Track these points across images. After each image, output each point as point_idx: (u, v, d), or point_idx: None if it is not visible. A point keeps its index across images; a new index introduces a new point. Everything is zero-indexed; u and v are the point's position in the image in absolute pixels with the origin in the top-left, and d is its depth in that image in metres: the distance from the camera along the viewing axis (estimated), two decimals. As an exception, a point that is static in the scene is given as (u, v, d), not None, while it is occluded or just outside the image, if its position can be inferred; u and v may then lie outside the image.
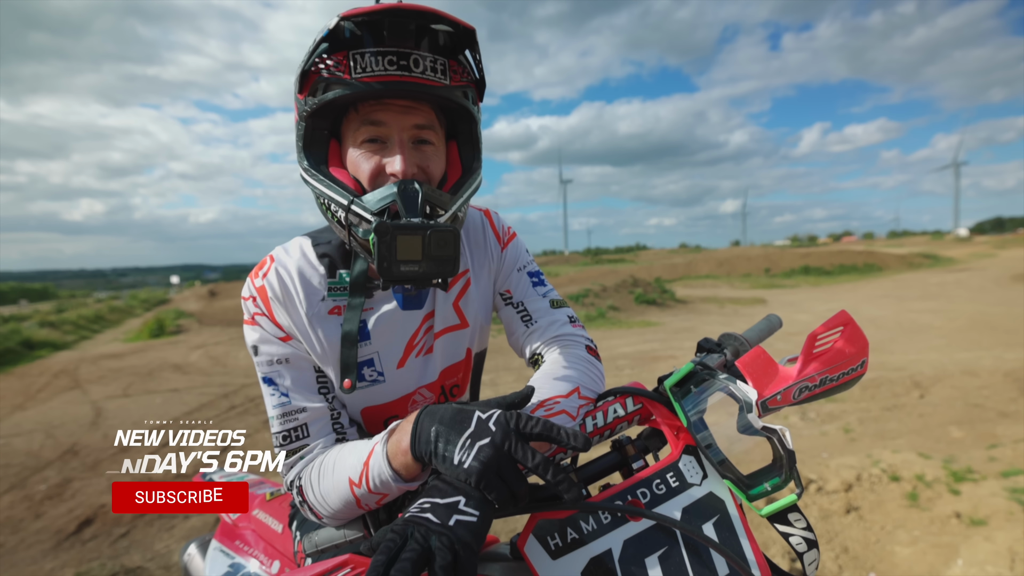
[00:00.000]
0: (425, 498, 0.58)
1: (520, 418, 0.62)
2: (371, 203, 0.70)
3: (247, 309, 0.81)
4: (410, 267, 0.64)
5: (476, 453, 0.58)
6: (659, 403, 0.72)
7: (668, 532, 0.62)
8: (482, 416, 0.62)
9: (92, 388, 6.68)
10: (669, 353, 7.29)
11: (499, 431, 0.60)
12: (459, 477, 0.58)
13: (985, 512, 2.90)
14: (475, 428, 0.60)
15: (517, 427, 0.61)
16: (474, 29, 0.71)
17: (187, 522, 3.10)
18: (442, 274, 0.67)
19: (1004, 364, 5.90)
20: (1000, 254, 34.97)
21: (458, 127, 0.83)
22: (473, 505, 0.56)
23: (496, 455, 0.58)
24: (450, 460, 0.59)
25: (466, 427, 0.61)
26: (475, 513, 0.55)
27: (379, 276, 0.65)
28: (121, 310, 19.82)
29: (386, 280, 0.65)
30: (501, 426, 0.60)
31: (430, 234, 0.64)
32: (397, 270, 0.64)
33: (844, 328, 0.61)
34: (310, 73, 0.71)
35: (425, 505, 0.57)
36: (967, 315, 10.07)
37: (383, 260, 0.63)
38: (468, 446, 0.59)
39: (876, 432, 4.24)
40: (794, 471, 0.57)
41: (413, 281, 0.66)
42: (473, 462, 0.58)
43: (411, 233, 0.64)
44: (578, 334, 0.92)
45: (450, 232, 0.66)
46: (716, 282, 26.04)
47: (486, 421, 0.61)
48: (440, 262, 0.66)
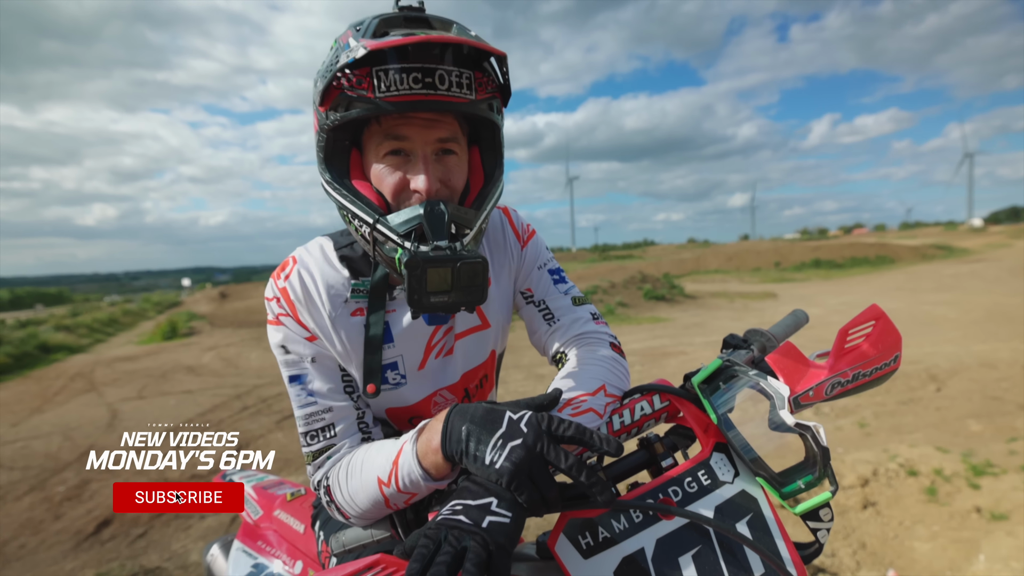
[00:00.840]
0: (456, 500, 0.58)
1: (552, 420, 0.62)
2: (397, 224, 0.70)
3: (271, 310, 0.82)
4: (440, 298, 0.65)
5: (508, 454, 0.58)
6: (687, 400, 0.71)
7: (701, 531, 0.61)
8: (513, 417, 0.61)
9: (107, 390, 6.78)
10: (679, 349, 7.26)
11: (531, 432, 0.59)
12: (490, 477, 0.58)
13: (1007, 506, 2.86)
14: (507, 428, 0.60)
15: (549, 429, 0.61)
16: (505, 55, 0.71)
17: (203, 522, 3.14)
18: (470, 303, 0.67)
19: (1023, 356, 5.80)
20: (1016, 244, 34.38)
21: (480, 133, 0.82)
22: (506, 506, 0.56)
23: (528, 456, 0.58)
24: (481, 460, 0.59)
25: (497, 427, 0.60)
26: (508, 514, 0.55)
27: (409, 306, 0.65)
28: (134, 313, 20.09)
29: (416, 311, 0.65)
30: (533, 427, 0.60)
31: (460, 266, 0.64)
32: (427, 301, 0.64)
33: (876, 323, 0.60)
34: (332, 88, 0.71)
35: (457, 507, 0.56)
36: (983, 307, 9.92)
37: (413, 292, 0.64)
38: (500, 446, 0.59)
39: (892, 426, 4.18)
40: (828, 468, 0.56)
41: (442, 310, 0.66)
42: (505, 462, 0.57)
43: (441, 266, 0.64)
44: (602, 331, 0.91)
45: (479, 263, 0.66)
46: (725, 277, 25.86)
47: (517, 422, 0.61)
48: (469, 291, 0.66)
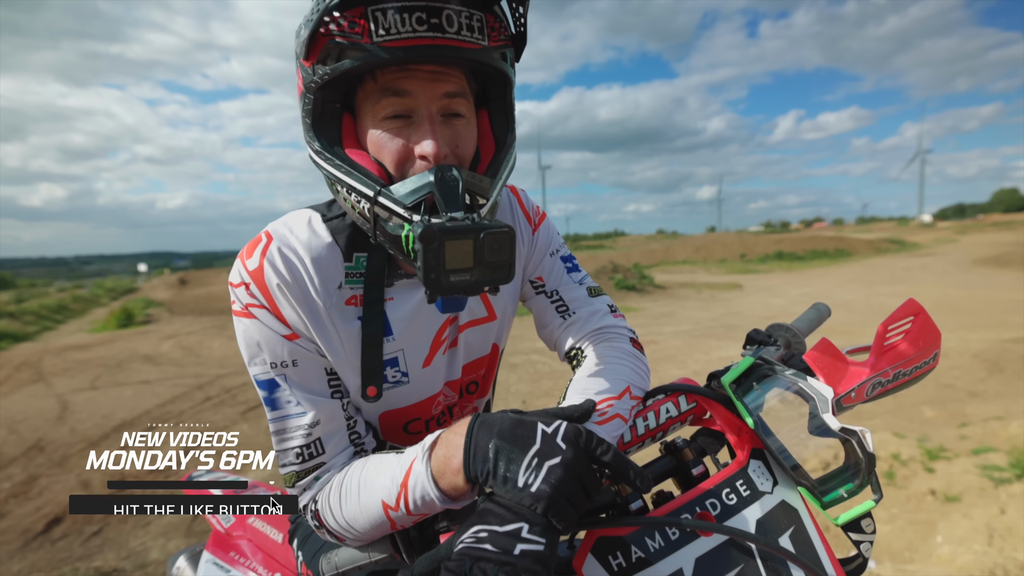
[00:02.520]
0: (480, 525, 0.49)
1: (591, 438, 0.54)
2: (403, 195, 0.59)
3: (238, 298, 0.67)
4: (461, 276, 0.55)
5: (546, 475, 0.50)
6: (716, 402, 0.66)
7: (743, 548, 0.56)
8: (548, 430, 0.53)
9: (57, 381, 6.38)
10: (650, 339, 7.35)
11: (570, 450, 0.52)
12: (522, 502, 0.50)
13: (958, 489, 3.00)
14: (541, 444, 0.52)
15: (588, 447, 0.53)
16: None
17: (163, 519, 2.99)
18: (495, 281, 0.58)
19: (971, 345, 6.12)
20: (961, 239, 36.44)
21: (490, 92, 0.71)
22: (539, 532, 0.48)
23: (567, 477, 0.50)
24: (513, 482, 0.51)
25: (531, 443, 0.52)
26: (541, 541, 0.48)
27: (425, 287, 0.55)
28: (86, 299, 19.01)
29: (434, 293, 0.55)
30: (571, 443, 0.52)
31: (484, 237, 0.55)
32: (447, 281, 0.55)
33: (915, 318, 0.56)
34: (319, 36, 0.59)
35: (482, 534, 0.48)
36: (932, 298, 10.43)
37: (430, 271, 0.54)
38: (535, 466, 0.51)
39: (853, 412, 4.34)
40: (873, 475, 0.52)
41: (464, 291, 0.57)
42: (543, 485, 0.50)
43: (461, 237, 0.54)
44: (620, 325, 0.84)
45: (506, 234, 0.56)
46: (693, 267, 26.42)
47: (553, 436, 0.53)
48: (495, 268, 0.56)
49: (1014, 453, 3.23)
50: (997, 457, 3.23)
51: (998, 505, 2.75)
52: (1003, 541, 2.48)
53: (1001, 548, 2.43)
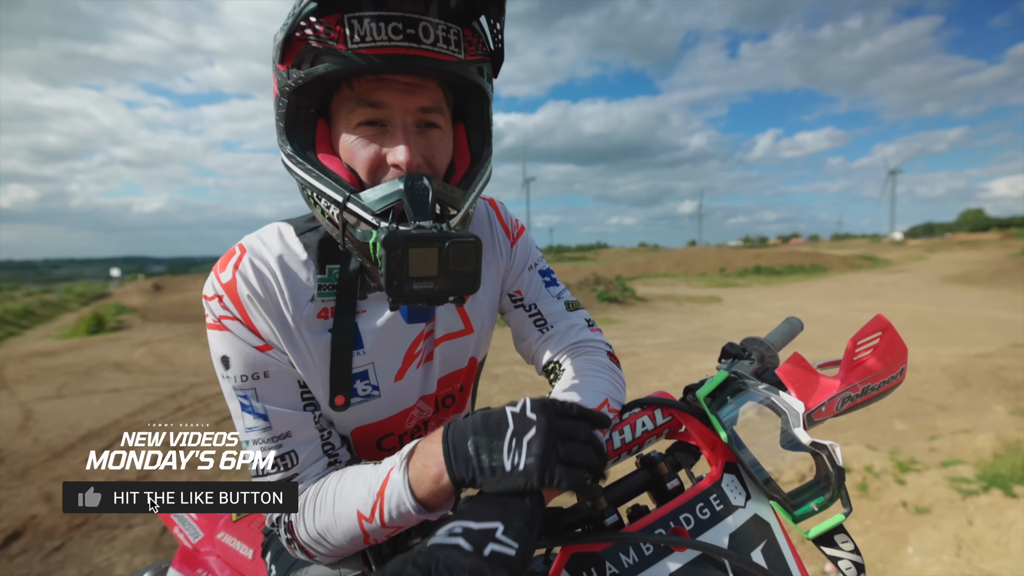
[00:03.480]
0: (458, 521, 0.49)
1: (555, 402, 0.55)
2: (372, 202, 0.60)
3: (211, 311, 0.67)
4: (424, 284, 0.55)
5: (528, 450, 0.51)
6: (691, 415, 0.66)
7: (716, 562, 0.56)
8: (515, 410, 0.54)
9: (20, 389, 6.14)
10: (631, 350, 7.40)
11: (542, 417, 0.53)
12: (517, 484, 0.50)
13: (928, 500, 3.07)
14: (515, 425, 0.53)
15: (556, 409, 0.54)
16: (503, 3, 0.61)
17: (130, 532, 2.88)
18: (460, 291, 0.57)
19: (939, 360, 6.30)
20: (930, 257, 37.72)
21: (467, 106, 0.72)
22: (513, 535, 0.47)
23: (548, 443, 0.51)
24: (501, 470, 0.51)
25: (504, 428, 0.53)
26: (514, 546, 0.47)
27: (387, 294, 0.55)
28: (54, 304, 18.37)
29: (395, 300, 0.55)
30: (540, 411, 0.53)
31: (448, 246, 0.54)
32: (409, 288, 0.54)
33: (883, 334, 0.58)
34: (294, 40, 0.59)
35: (456, 530, 0.48)
36: (903, 313, 10.75)
37: (392, 278, 0.54)
38: (515, 446, 0.51)
39: (827, 425, 4.40)
40: (843, 489, 0.53)
41: (427, 300, 0.56)
42: (528, 460, 0.50)
43: (426, 245, 0.54)
44: (598, 339, 0.85)
45: (471, 243, 0.56)
46: (674, 280, 26.78)
47: (522, 413, 0.53)
48: (459, 278, 0.56)
49: (981, 466, 3.32)
50: (965, 469, 3.32)
51: (966, 516, 2.82)
52: (970, 552, 2.54)
53: (969, 559, 2.49)
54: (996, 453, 3.49)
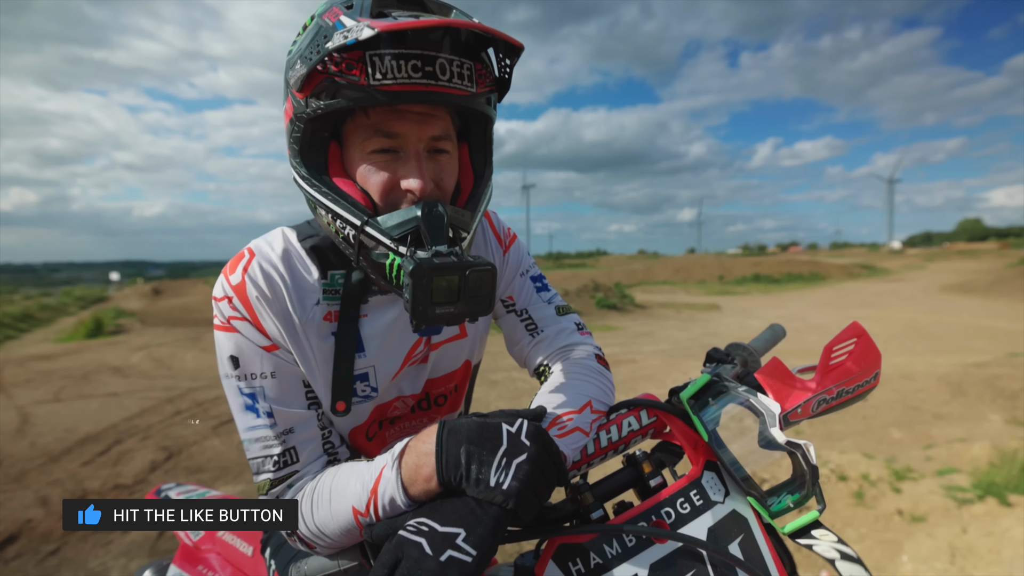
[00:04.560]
0: (427, 518, 0.54)
1: (545, 435, 0.59)
2: (390, 227, 0.63)
3: (220, 312, 0.70)
4: (445, 309, 0.59)
5: (515, 472, 0.55)
6: (675, 416, 0.69)
7: (695, 554, 0.59)
8: (511, 430, 0.58)
9: (18, 392, 6.13)
10: (629, 357, 7.42)
11: (535, 446, 0.57)
12: (495, 499, 0.54)
13: (924, 509, 3.08)
14: (508, 444, 0.56)
15: (545, 442, 0.58)
16: (522, 47, 0.66)
17: (126, 537, 2.88)
18: (476, 313, 0.62)
19: (936, 369, 6.33)
20: (929, 266, 37.82)
21: (471, 129, 0.76)
22: (473, 543, 0.52)
23: (534, 471, 0.55)
24: (485, 483, 0.55)
25: (498, 444, 0.57)
26: (472, 553, 0.51)
27: (411, 318, 0.59)
28: (53, 308, 18.35)
29: (419, 323, 0.59)
30: (535, 440, 0.57)
31: (469, 275, 0.59)
32: (432, 313, 0.58)
33: (858, 340, 0.61)
34: (316, 72, 0.62)
35: (423, 528, 0.53)
36: (901, 322, 10.79)
37: (418, 304, 0.57)
38: (504, 465, 0.55)
39: (824, 433, 4.44)
40: (817, 486, 0.56)
41: (447, 323, 0.61)
42: (513, 482, 0.54)
43: (449, 274, 0.58)
44: (587, 343, 0.88)
45: (488, 271, 0.61)
46: (673, 288, 26.82)
47: (517, 435, 0.57)
48: (476, 301, 0.61)
49: (976, 474, 3.33)
50: (960, 478, 3.33)
51: (960, 525, 2.83)
52: (964, 560, 2.55)
53: (962, 567, 2.50)
54: (992, 462, 3.50)
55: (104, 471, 3.71)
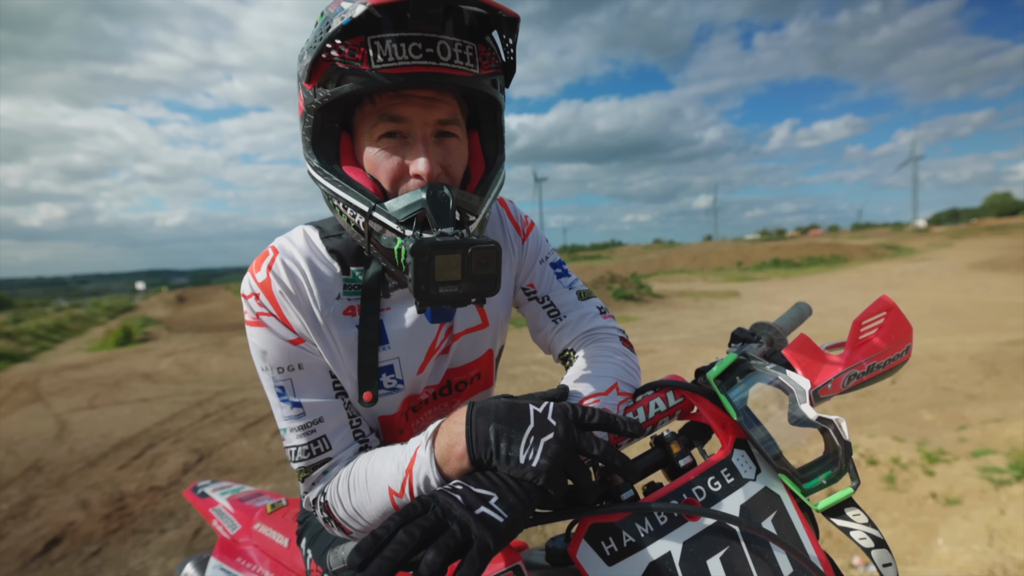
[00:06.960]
0: (462, 481, 0.55)
1: (576, 409, 0.59)
2: (396, 211, 0.64)
3: (250, 308, 0.72)
4: (449, 288, 0.59)
5: (543, 450, 0.55)
6: (702, 396, 0.69)
7: (728, 531, 0.59)
8: (538, 410, 0.58)
9: (55, 400, 6.36)
10: (648, 347, 7.37)
11: (561, 424, 0.57)
12: (526, 476, 0.55)
13: (959, 491, 3.00)
14: (535, 424, 0.57)
15: (576, 418, 0.58)
16: (519, 18, 0.65)
17: (163, 536, 2.97)
18: (482, 293, 0.62)
19: (968, 348, 6.15)
20: (956, 244, 36.67)
21: (480, 115, 0.76)
22: (504, 507, 0.52)
23: (562, 450, 0.55)
24: (515, 460, 0.55)
25: (525, 423, 0.57)
26: (503, 515, 0.52)
27: (415, 298, 0.60)
28: (83, 318, 18.96)
29: (423, 303, 0.59)
30: (561, 419, 0.57)
31: (471, 252, 0.59)
32: (435, 292, 0.59)
33: (888, 314, 0.59)
34: (320, 61, 0.64)
35: (458, 487, 0.54)
36: (929, 303, 10.49)
37: (420, 283, 0.58)
38: (532, 444, 0.55)
39: (852, 418, 4.35)
40: (850, 463, 0.55)
41: (451, 303, 0.61)
42: (542, 459, 0.54)
43: (450, 252, 0.58)
44: (610, 326, 0.88)
45: (492, 249, 0.60)
46: (690, 276, 26.49)
47: (544, 415, 0.58)
48: (481, 281, 0.60)
49: (1013, 455, 3.24)
50: (996, 459, 3.24)
51: (998, 506, 2.76)
52: (1003, 541, 2.49)
53: (1001, 548, 2.44)
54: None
55: (139, 474, 3.83)
